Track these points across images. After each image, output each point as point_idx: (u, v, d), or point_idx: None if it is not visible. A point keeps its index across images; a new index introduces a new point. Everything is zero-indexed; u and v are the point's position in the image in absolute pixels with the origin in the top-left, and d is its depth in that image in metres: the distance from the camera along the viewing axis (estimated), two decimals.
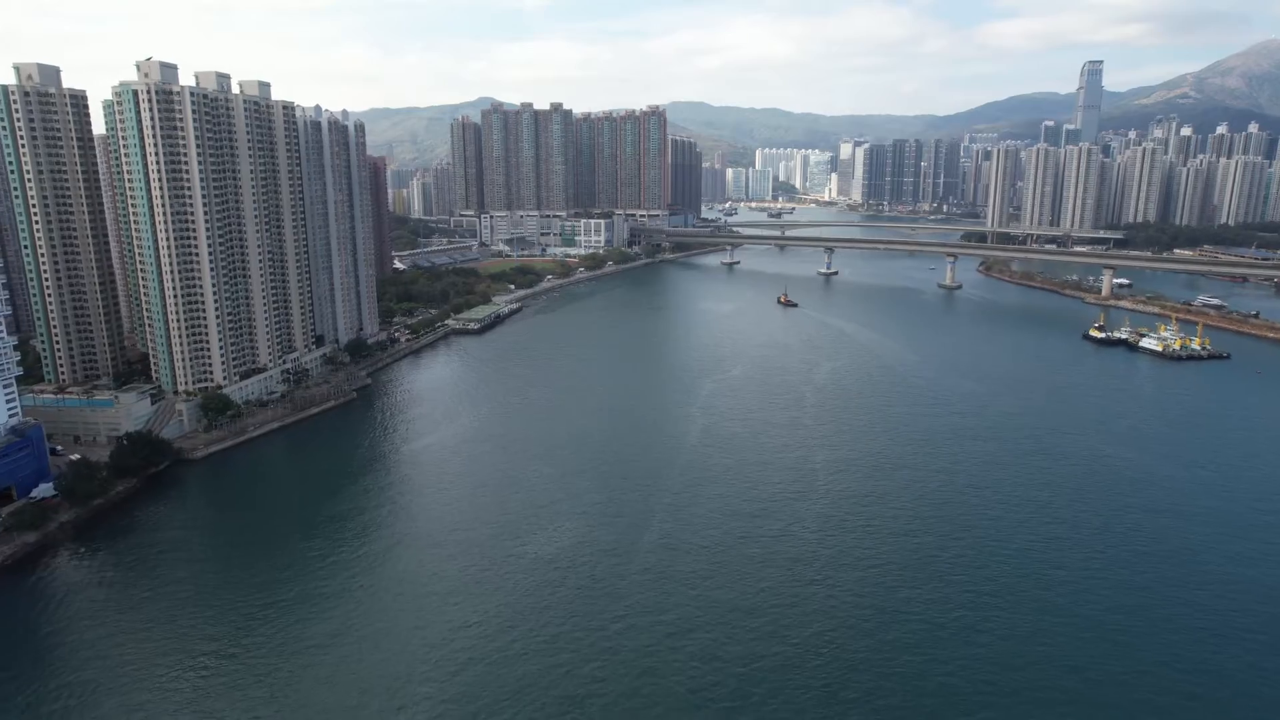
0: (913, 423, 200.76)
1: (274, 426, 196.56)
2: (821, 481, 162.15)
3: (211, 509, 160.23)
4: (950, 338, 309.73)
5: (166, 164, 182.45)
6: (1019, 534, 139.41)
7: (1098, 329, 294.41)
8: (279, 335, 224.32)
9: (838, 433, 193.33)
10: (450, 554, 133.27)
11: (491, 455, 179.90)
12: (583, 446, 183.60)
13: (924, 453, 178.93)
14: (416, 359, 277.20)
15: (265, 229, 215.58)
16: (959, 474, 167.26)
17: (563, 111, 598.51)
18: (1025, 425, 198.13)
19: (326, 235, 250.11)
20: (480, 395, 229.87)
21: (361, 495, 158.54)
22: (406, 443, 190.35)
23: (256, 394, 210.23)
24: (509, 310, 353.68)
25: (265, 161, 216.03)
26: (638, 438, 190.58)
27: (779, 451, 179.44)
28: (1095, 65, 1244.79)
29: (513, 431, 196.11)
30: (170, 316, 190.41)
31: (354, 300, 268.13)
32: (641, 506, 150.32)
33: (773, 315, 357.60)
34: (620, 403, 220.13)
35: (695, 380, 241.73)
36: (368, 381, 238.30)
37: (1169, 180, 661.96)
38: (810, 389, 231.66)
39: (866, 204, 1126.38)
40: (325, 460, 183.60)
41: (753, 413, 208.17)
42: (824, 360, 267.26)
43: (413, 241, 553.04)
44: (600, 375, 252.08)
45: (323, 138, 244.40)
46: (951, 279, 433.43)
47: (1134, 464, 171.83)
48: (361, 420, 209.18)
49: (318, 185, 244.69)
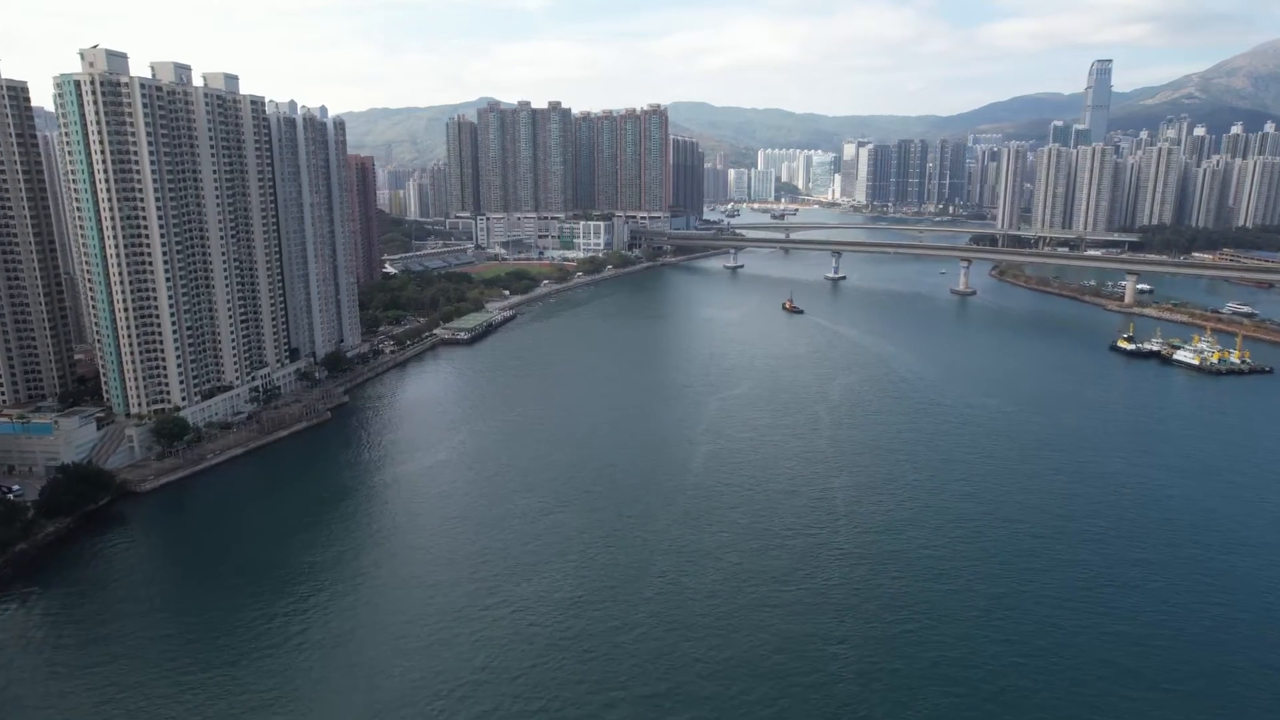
0: (939, 447, 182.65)
1: (237, 452, 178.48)
2: (842, 519, 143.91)
3: (152, 552, 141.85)
4: (969, 349, 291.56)
5: (114, 162, 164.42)
6: (1068, 578, 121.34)
7: (1126, 340, 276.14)
8: (247, 350, 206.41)
9: (857, 460, 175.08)
10: (420, 612, 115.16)
11: (476, 485, 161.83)
12: (575, 476, 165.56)
13: (954, 482, 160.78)
14: (401, 372, 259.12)
15: (232, 234, 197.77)
16: (996, 506, 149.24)
17: (561, 110, 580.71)
18: (1063, 449, 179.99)
19: (302, 240, 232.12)
20: (466, 414, 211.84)
21: (325, 534, 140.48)
22: (381, 470, 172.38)
23: (221, 414, 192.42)
24: (502, 318, 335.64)
25: (231, 161, 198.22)
26: (637, 466, 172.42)
27: (793, 483, 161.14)
28: (1104, 65, 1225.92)
29: (500, 457, 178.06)
30: (121, 331, 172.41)
31: (333, 310, 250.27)
32: (639, 553, 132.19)
33: (779, 324, 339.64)
34: (618, 424, 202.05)
35: (699, 397, 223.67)
36: (345, 399, 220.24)
37: (1183, 181, 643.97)
38: (824, 408, 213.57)
39: (871, 205, 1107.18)
40: (290, 491, 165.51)
41: (763, 436, 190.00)
42: (837, 374, 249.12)
43: (406, 244, 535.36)
44: (597, 391, 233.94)
45: (297, 135, 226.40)
46: (965, 285, 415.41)
47: (1189, 497, 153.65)
48: (335, 443, 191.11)
49: (292, 187, 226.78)
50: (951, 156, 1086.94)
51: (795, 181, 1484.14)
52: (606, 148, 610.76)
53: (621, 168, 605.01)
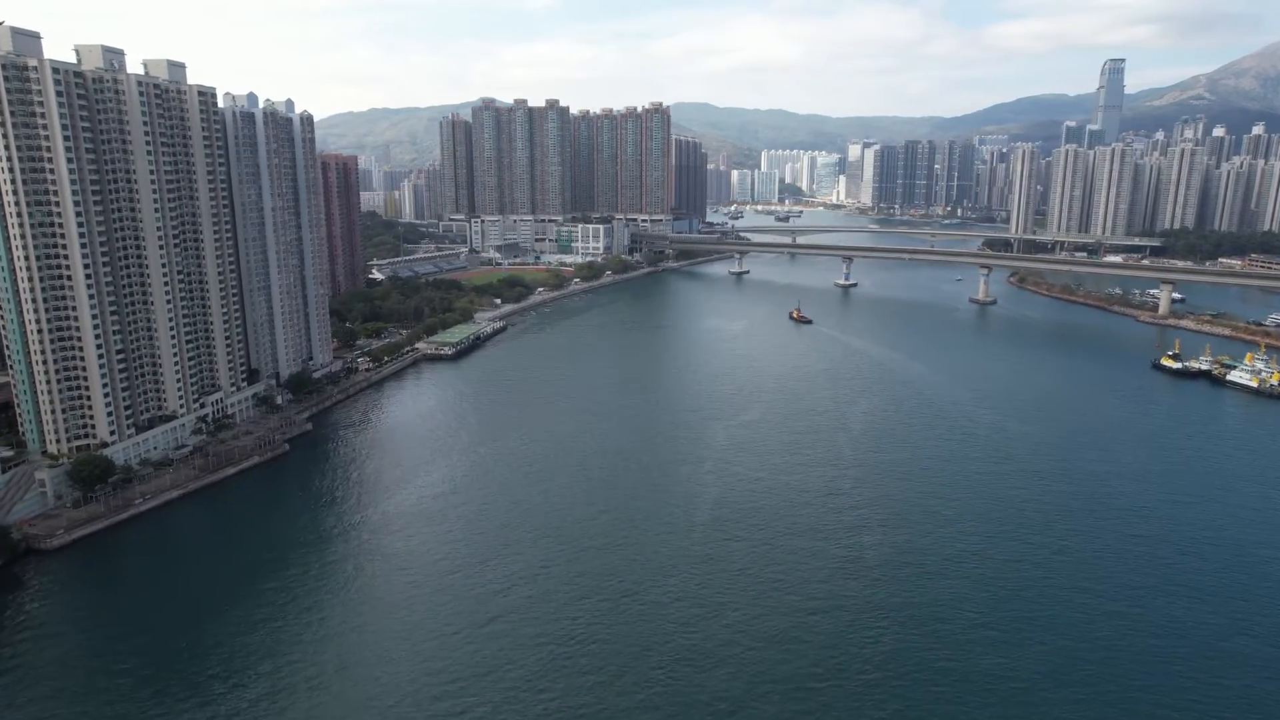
0: (980, 487, 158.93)
1: (174, 495, 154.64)
2: (876, 585, 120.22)
3: (48, 631, 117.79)
4: (998, 366, 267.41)
5: (22, 159, 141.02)
6: (1155, 663, 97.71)
7: (1171, 358, 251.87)
8: (196, 373, 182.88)
9: (888, 507, 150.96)
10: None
11: (444, 541, 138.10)
12: (562, 529, 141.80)
13: (1006, 538, 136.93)
14: (377, 393, 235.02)
15: (176, 243, 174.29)
16: (1053, 564, 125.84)
17: (559, 109, 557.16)
18: (1127, 493, 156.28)
19: (264, 248, 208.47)
20: (443, 445, 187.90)
21: (263, 607, 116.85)
22: (336, 517, 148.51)
23: (162, 449, 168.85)
24: (491, 330, 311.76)
25: (176, 160, 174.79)
26: (634, 515, 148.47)
27: (814, 539, 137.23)
28: (1117, 64, 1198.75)
29: (476, 501, 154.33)
30: (34, 356, 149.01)
31: (300, 325, 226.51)
32: (638, 641, 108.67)
33: (788, 336, 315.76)
34: (613, 459, 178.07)
35: (704, 425, 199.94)
36: (308, 427, 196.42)
37: (1204, 184, 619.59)
38: (846, 438, 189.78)
39: (877, 207, 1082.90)
40: (231, 544, 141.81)
41: (777, 476, 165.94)
42: (856, 397, 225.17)
43: (396, 248, 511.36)
44: (590, 416, 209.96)
45: (257, 132, 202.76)
46: (985, 293, 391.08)
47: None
48: (289, 483, 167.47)
49: (252, 189, 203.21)
50: (960, 158, 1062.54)
51: (799, 183, 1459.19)
52: (606, 147, 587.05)
53: (622, 168, 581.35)
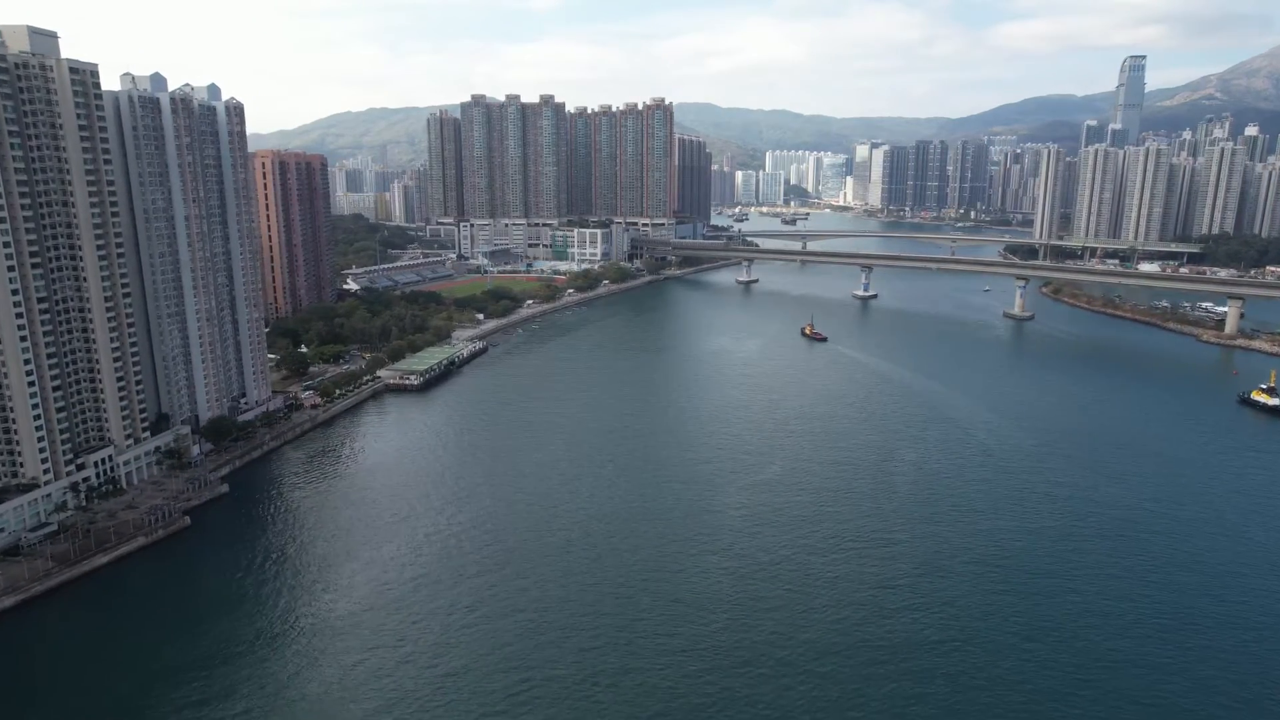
0: (1084, 589, 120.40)
1: (9, 603, 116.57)
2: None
3: None
4: (1055, 399, 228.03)
5: None
6: None
7: (1266, 391, 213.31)
8: (70, 427, 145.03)
9: (961, 622, 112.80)
10: None
11: (386, 661, 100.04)
12: (533, 647, 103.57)
13: (1142, 661, 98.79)
14: (324, 435, 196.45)
15: (35, 263, 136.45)
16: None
17: (554, 105, 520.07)
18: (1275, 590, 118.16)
19: (175, 266, 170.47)
20: (392, 511, 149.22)
21: None
22: (248, 622, 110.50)
23: (11, 530, 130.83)
24: (469, 352, 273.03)
25: (39, 154, 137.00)
26: (623, 631, 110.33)
27: (863, 687, 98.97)
28: (1137, 61, 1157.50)
29: (427, 604, 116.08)
30: None
31: (228, 356, 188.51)
32: None
33: (806, 358, 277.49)
34: (600, 540, 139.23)
35: (715, 485, 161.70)
36: (223, 489, 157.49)
37: (1243, 186, 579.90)
38: (892, 506, 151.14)
39: (886, 209, 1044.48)
40: (74, 679, 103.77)
41: (811, 571, 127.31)
42: (897, 444, 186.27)
43: (378, 255, 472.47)
44: (574, 472, 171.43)
45: (163, 123, 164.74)
46: (1021, 307, 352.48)
47: None
48: (183, 573, 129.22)
49: (158, 193, 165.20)
50: (973, 159, 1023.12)
51: (804, 184, 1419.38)
52: (605, 147, 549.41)
53: (621, 169, 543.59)
